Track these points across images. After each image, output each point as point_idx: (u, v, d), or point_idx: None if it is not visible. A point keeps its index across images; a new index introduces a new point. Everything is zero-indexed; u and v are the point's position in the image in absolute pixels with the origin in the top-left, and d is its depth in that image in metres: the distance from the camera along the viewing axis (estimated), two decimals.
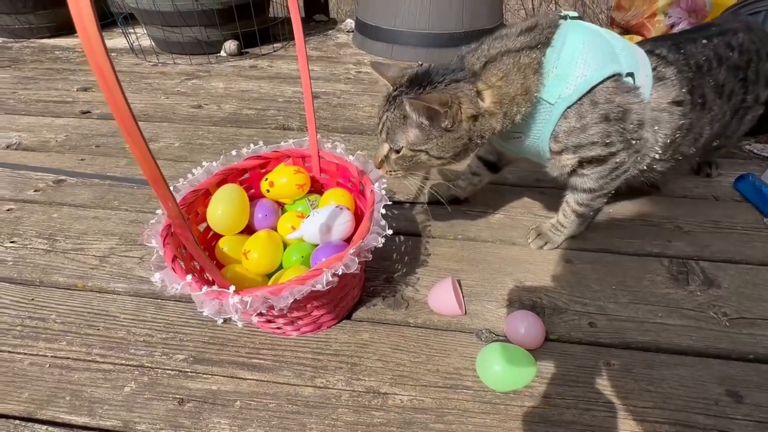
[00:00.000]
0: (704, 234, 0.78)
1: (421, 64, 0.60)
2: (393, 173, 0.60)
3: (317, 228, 0.58)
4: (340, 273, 0.47)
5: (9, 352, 0.59)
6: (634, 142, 0.60)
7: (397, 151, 0.58)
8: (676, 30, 1.32)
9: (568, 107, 0.56)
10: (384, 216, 0.55)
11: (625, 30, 1.44)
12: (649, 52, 0.64)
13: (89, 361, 0.58)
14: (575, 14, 0.59)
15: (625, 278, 0.69)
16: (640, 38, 1.36)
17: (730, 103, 0.69)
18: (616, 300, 0.66)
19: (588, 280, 0.69)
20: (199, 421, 0.51)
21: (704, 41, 0.67)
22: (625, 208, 0.85)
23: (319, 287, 0.45)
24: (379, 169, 0.60)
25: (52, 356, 0.59)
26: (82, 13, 0.24)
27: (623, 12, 1.42)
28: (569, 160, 0.61)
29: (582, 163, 0.62)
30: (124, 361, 0.58)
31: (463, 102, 0.52)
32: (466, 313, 0.64)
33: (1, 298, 0.67)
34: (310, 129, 0.65)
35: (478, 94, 0.54)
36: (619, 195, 0.86)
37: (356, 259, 0.48)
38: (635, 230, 0.79)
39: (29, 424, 0.51)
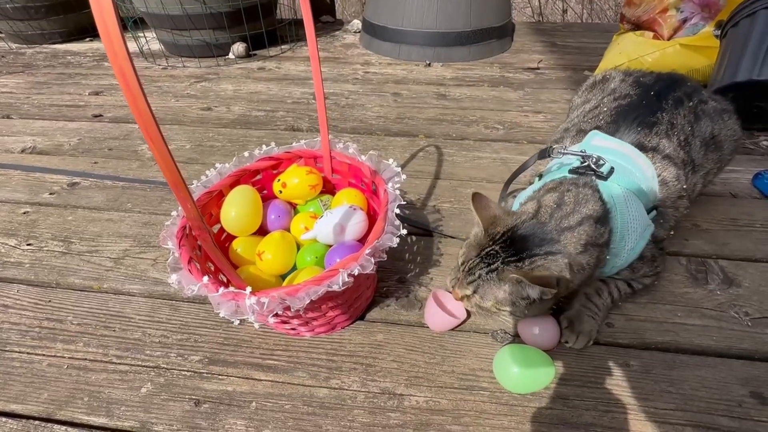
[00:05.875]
0: (722, 232, 0.77)
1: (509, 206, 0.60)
2: (470, 308, 0.58)
3: (331, 228, 0.58)
4: (356, 273, 0.46)
5: (28, 353, 0.60)
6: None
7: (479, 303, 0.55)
8: (688, 25, 1.29)
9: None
10: (397, 216, 0.55)
11: (636, 26, 1.42)
12: (653, 150, 0.63)
13: (106, 362, 0.59)
14: (608, 168, 0.58)
15: None
16: (651, 34, 1.34)
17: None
18: (633, 299, 0.65)
19: None
20: (215, 422, 0.51)
21: (689, 104, 0.68)
22: None
23: (335, 288, 0.45)
24: (458, 300, 0.58)
25: (69, 357, 0.59)
26: (105, 19, 0.24)
27: (634, 8, 1.40)
28: None
29: None
30: (140, 363, 0.58)
31: (564, 279, 0.51)
32: (466, 319, 0.62)
33: (19, 299, 0.68)
34: (322, 130, 0.65)
35: (570, 266, 0.52)
36: None
37: (372, 259, 0.48)
38: None
39: (48, 424, 0.51)
